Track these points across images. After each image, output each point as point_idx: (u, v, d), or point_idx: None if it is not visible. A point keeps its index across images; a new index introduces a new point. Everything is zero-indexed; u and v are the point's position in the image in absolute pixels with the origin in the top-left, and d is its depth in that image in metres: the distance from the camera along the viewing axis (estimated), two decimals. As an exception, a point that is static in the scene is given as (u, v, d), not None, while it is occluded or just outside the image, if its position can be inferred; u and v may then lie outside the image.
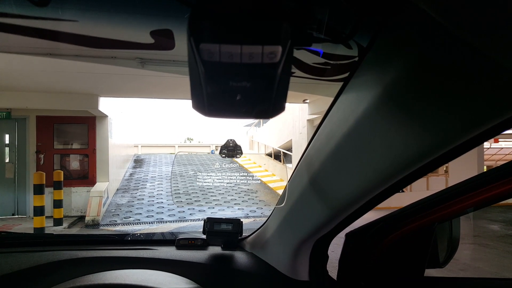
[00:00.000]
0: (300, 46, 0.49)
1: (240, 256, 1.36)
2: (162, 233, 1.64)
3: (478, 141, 0.51)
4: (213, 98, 0.41)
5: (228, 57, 0.37)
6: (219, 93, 0.40)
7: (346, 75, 0.63)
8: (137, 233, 1.72)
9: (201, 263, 1.31)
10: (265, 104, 0.42)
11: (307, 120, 11.35)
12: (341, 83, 0.66)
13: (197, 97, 0.41)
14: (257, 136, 19.60)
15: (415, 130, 0.54)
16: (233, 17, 0.37)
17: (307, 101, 10.53)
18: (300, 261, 1.15)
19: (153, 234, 1.66)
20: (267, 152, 16.86)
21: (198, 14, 0.36)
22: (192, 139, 29.37)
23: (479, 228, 7.81)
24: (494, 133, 0.49)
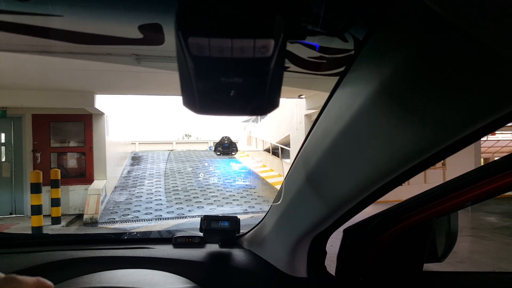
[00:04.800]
0: (294, 40, 0.48)
1: (237, 254, 1.36)
2: (159, 232, 1.63)
3: (477, 136, 0.50)
4: (204, 95, 0.40)
5: (218, 52, 0.35)
6: (210, 90, 0.39)
7: (342, 69, 0.62)
8: (134, 232, 1.71)
9: (199, 262, 1.30)
10: (258, 100, 0.40)
11: (305, 115, 11.33)
12: (337, 78, 0.65)
13: (188, 93, 0.40)
14: (255, 132, 19.57)
15: (413, 125, 0.53)
16: (223, 9, 0.35)
17: (303, 96, 10.51)
18: (298, 258, 1.14)
19: (150, 232, 1.65)
20: (265, 148, 16.85)
21: (186, 6, 0.35)
22: (190, 136, 29.36)
23: (477, 221, 7.86)
24: (493, 127, 0.48)
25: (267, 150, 15.70)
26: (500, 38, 0.35)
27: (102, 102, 8.92)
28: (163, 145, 20.40)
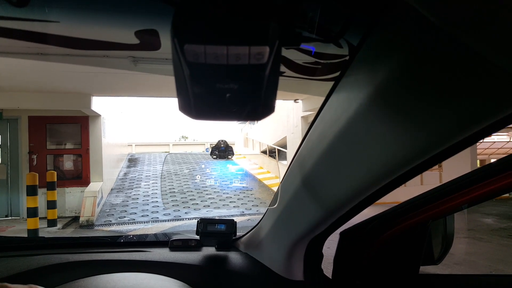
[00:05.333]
0: (289, 46, 0.48)
1: (234, 257, 1.35)
2: (155, 235, 1.62)
3: (472, 140, 0.50)
4: (200, 101, 0.40)
5: (214, 59, 0.35)
6: (206, 95, 0.39)
7: (337, 74, 0.62)
8: (130, 235, 1.71)
9: (195, 265, 1.30)
10: (254, 105, 0.41)
11: (302, 117, 11.34)
12: (332, 82, 0.65)
13: (184, 99, 0.40)
14: (252, 134, 19.55)
15: (408, 129, 0.53)
16: (219, 16, 0.35)
17: (298, 100, 10.54)
18: (295, 261, 1.14)
19: (146, 235, 1.64)
20: (262, 150, 16.83)
21: (182, 13, 0.35)
22: (187, 137, 29.26)
23: (474, 222, 7.88)
24: (489, 131, 0.48)
25: (264, 152, 15.69)
26: (488, 44, 0.35)
27: (98, 104, 8.89)
28: (160, 147, 20.40)
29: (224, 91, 0.38)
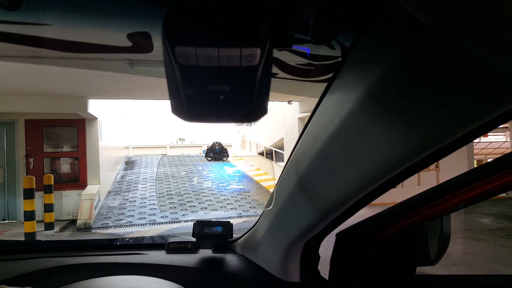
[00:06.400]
0: (280, 47, 0.48)
1: (230, 259, 1.35)
2: (152, 237, 1.62)
3: (466, 140, 0.50)
4: (192, 103, 0.40)
5: (206, 61, 0.35)
6: (198, 97, 0.39)
7: (330, 75, 0.62)
8: (127, 238, 1.70)
9: (192, 267, 1.30)
10: (246, 107, 0.40)
11: (298, 118, 11.35)
12: (325, 84, 0.65)
13: (176, 101, 0.40)
14: (249, 135, 19.55)
15: (402, 130, 0.53)
16: (210, 18, 0.35)
17: (292, 102, 10.55)
18: (291, 263, 1.14)
19: (143, 238, 1.64)
20: (259, 151, 16.83)
21: (173, 15, 0.35)
22: (184, 140, 29.25)
23: (471, 222, 7.89)
24: (481, 131, 0.48)
25: (261, 154, 15.69)
26: (480, 45, 0.35)
27: (95, 106, 8.88)
28: (157, 149, 20.39)
29: (216, 93, 0.38)
